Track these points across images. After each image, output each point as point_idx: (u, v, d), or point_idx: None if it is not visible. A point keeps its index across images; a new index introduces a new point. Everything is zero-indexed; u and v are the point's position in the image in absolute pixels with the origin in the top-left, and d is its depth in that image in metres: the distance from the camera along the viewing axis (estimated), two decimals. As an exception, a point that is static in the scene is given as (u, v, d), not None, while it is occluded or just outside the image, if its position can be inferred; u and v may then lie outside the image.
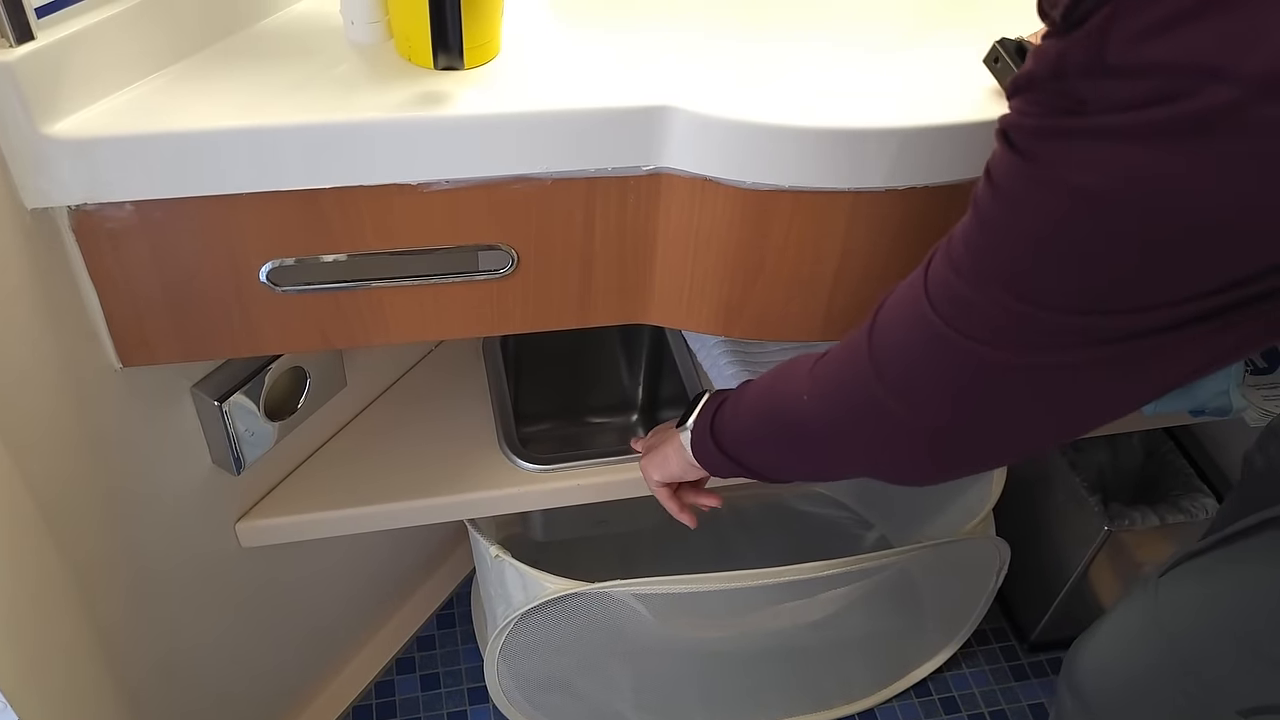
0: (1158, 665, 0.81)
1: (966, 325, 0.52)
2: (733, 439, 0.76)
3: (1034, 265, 0.48)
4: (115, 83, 0.63)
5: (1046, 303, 0.48)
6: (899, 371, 0.57)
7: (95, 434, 0.76)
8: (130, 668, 0.89)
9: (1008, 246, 0.49)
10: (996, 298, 0.50)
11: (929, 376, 0.56)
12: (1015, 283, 0.49)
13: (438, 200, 0.68)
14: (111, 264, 0.67)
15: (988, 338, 0.51)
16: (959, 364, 0.53)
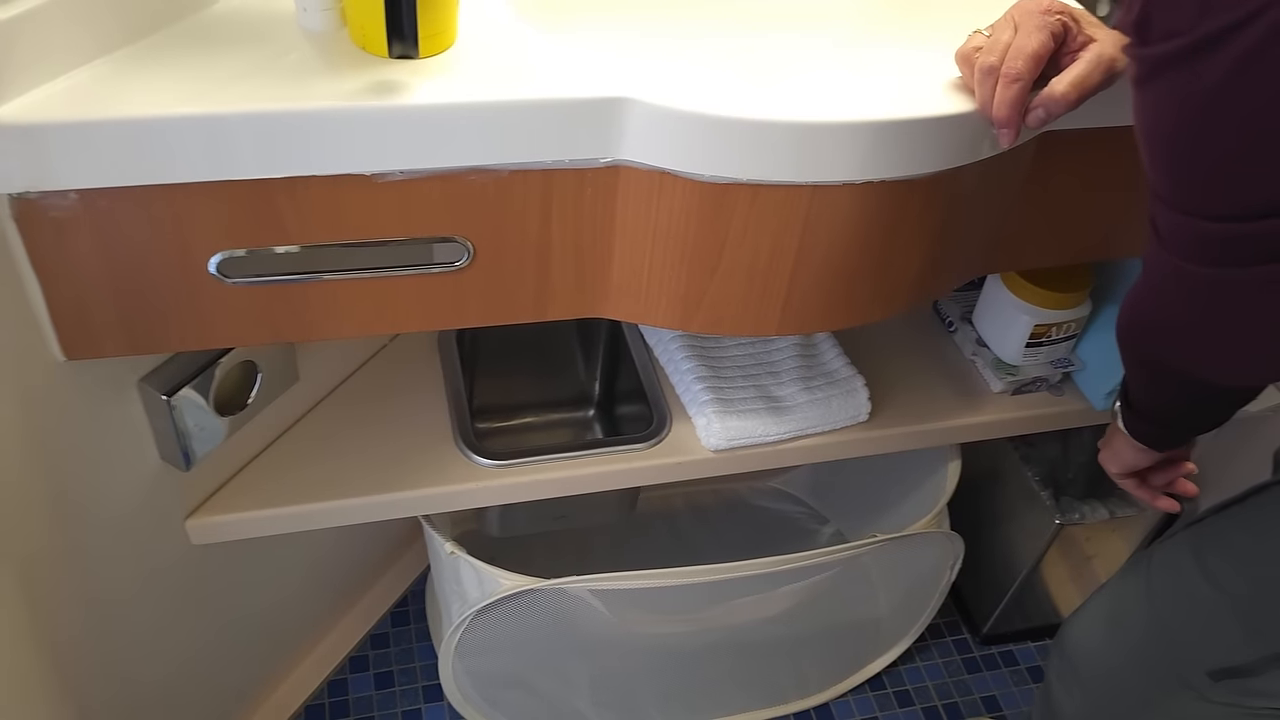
0: (1143, 629, 0.83)
1: (1179, 249, 0.56)
2: (1139, 401, 0.80)
3: (1201, 176, 0.52)
4: (59, 67, 0.61)
5: (1226, 211, 0.52)
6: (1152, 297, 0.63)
7: (37, 429, 0.74)
8: (76, 668, 0.87)
9: (1172, 161, 0.53)
10: (1176, 219, 0.55)
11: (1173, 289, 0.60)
12: (1188, 200, 0.53)
13: (392, 191, 0.67)
14: (54, 254, 0.65)
15: (1192, 255, 0.56)
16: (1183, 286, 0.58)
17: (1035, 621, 1.42)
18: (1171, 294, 0.60)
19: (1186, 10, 0.45)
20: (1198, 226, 0.54)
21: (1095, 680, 0.89)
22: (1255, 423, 1.24)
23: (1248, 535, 0.78)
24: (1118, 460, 0.88)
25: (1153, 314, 0.64)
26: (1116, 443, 0.87)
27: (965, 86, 0.71)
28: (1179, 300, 0.60)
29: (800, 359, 1.09)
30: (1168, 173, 0.54)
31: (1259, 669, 0.76)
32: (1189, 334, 0.62)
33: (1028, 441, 1.32)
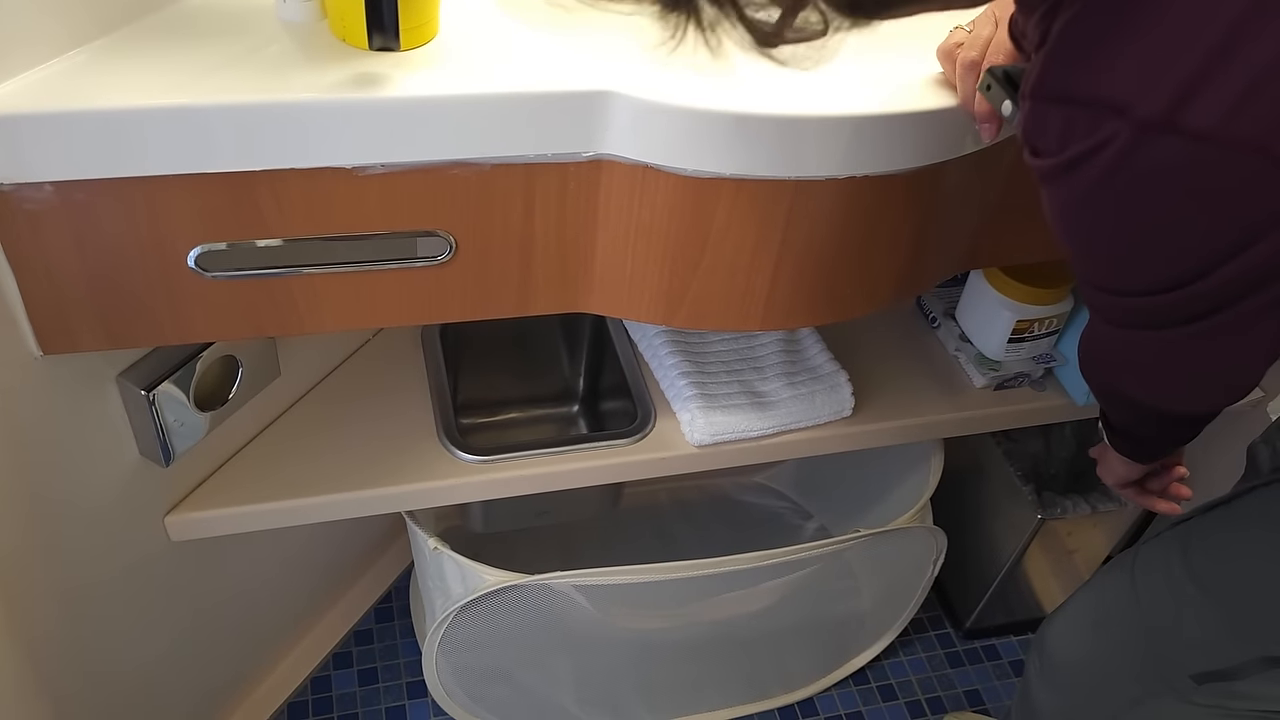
0: (1127, 630, 0.84)
1: (1108, 315, 0.62)
2: (1112, 421, 0.85)
3: (1092, 258, 0.58)
4: (33, 58, 0.61)
5: (1123, 288, 0.57)
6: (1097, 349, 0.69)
7: (15, 425, 0.73)
8: (52, 664, 0.87)
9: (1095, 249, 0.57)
10: (1096, 292, 0.60)
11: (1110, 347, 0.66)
12: (1096, 279, 0.59)
13: (373, 185, 0.67)
14: (30, 247, 0.64)
15: (1118, 320, 0.61)
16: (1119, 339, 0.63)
17: (1017, 615, 1.43)
18: (1113, 343, 0.64)
19: (1053, 138, 0.51)
20: (1113, 300, 0.59)
21: (1077, 680, 0.89)
22: (1233, 419, 1.25)
23: (1232, 536, 0.78)
24: (1112, 474, 0.92)
25: (1102, 355, 0.68)
26: (1108, 458, 0.91)
27: (948, 82, 0.71)
28: (1120, 349, 0.64)
29: (784, 354, 1.09)
30: (1076, 258, 0.58)
31: (1243, 672, 0.76)
32: (1137, 374, 0.66)
33: (1010, 437, 1.32)
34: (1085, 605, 0.90)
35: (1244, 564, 0.76)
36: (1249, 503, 0.77)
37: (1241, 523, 0.78)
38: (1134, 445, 0.86)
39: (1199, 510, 0.80)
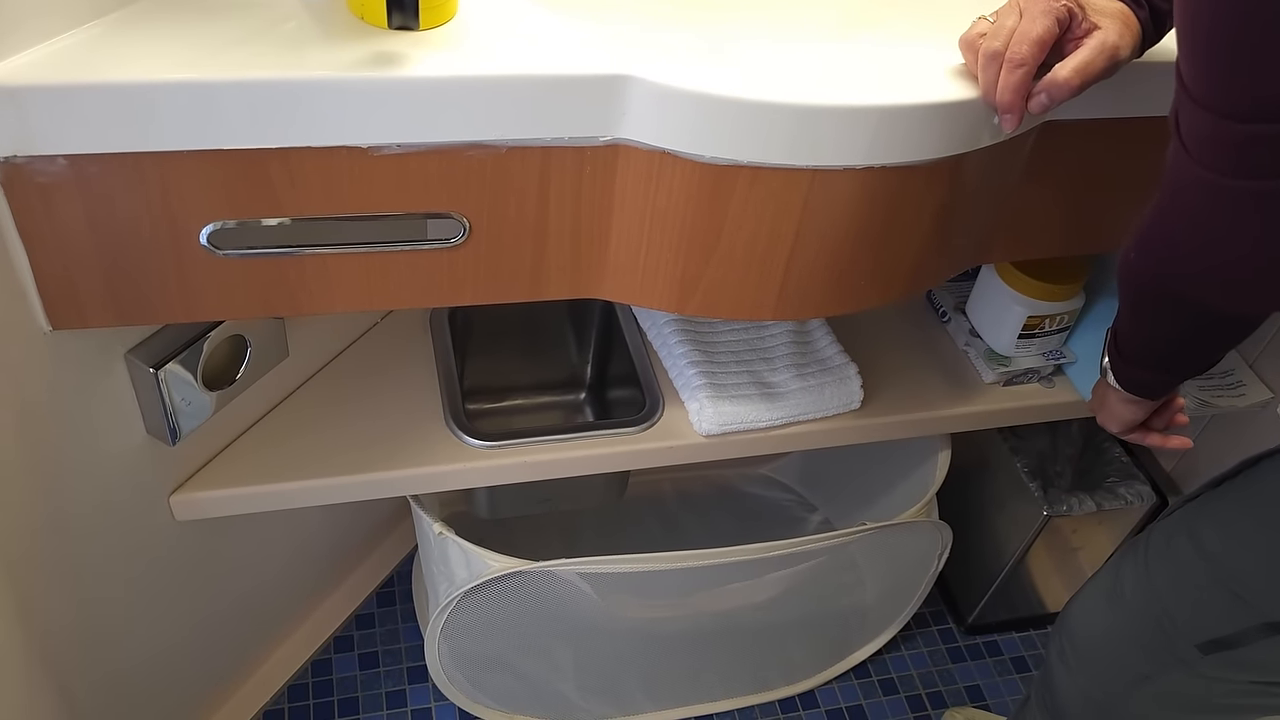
0: (1138, 604, 0.84)
1: (1211, 159, 0.55)
2: (1130, 347, 0.80)
3: (1229, 68, 0.51)
4: (48, 30, 0.60)
5: (1249, 103, 0.51)
6: (1179, 211, 0.61)
7: (22, 400, 0.73)
8: (56, 643, 0.86)
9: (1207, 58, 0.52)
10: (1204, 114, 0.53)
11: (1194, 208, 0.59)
12: (1211, 89, 0.52)
13: (388, 165, 0.66)
14: (42, 220, 0.64)
15: (1227, 168, 0.54)
16: (1214, 203, 0.57)
17: (1020, 612, 1.43)
18: (1192, 208, 0.58)
19: None
20: (1223, 127, 0.53)
21: (1092, 658, 0.90)
22: (1241, 422, 1.24)
23: (1236, 506, 0.79)
24: (1115, 419, 0.89)
25: (1170, 232, 0.63)
26: (1110, 401, 0.88)
27: (969, 72, 0.70)
28: (1203, 214, 0.58)
29: (794, 345, 1.08)
30: (1192, 57, 0.52)
31: (1245, 639, 0.77)
32: (1213, 248, 0.60)
33: (1017, 433, 1.32)
34: (1101, 583, 0.91)
35: (1244, 533, 0.78)
36: (1252, 475, 0.79)
37: (1244, 493, 0.79)
38: (1151, 376, 0.82)
39: (1208, 485, 0.81)
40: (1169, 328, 0.75)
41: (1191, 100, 0.54)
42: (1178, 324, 0.74)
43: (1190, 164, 0.57)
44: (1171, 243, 0.64)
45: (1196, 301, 0.68)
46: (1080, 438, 1.36)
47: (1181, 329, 0.75)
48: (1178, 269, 0.65)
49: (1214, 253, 0.61)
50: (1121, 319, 0.80)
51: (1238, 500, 0.79)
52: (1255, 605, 0.76)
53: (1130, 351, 0.81)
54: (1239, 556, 0.77)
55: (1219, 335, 0.76)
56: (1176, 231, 0.63)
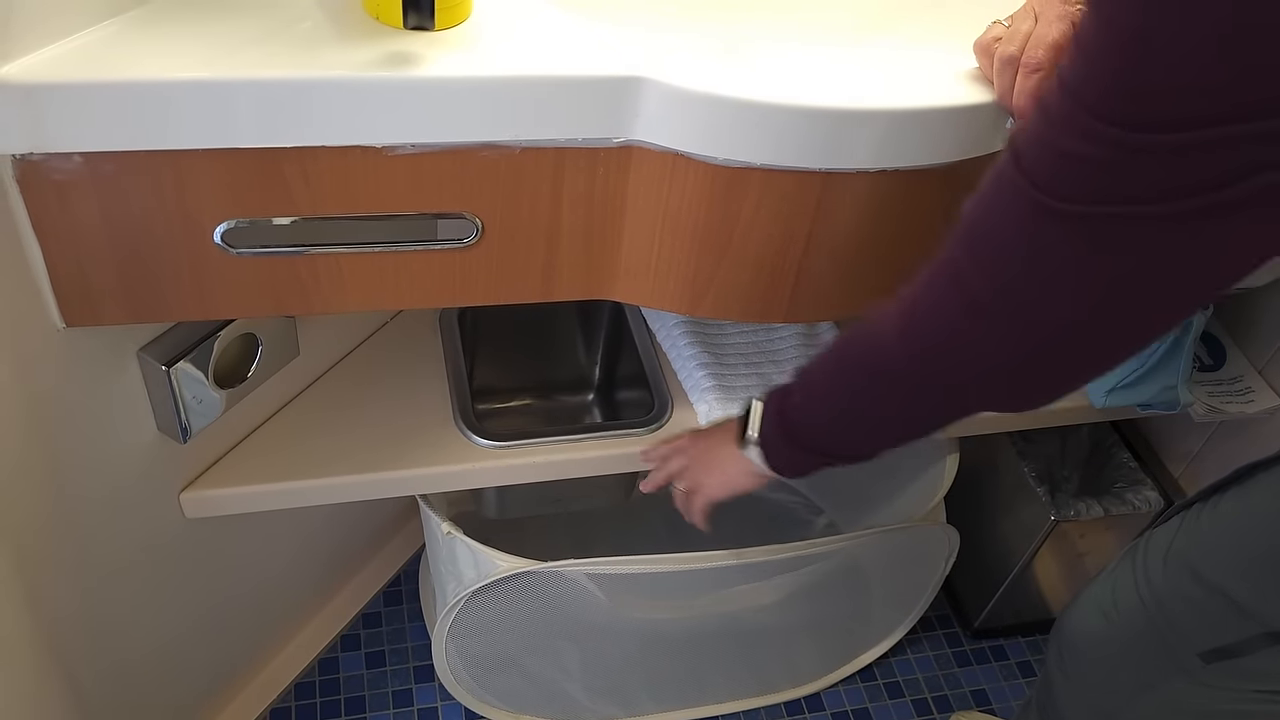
0: (1137, 613, 0.84)
1: (1065, 185, 0.48)
2: (815, 432, 0.73)
3: (1133, 68, 0.44)
4: (65, 27, 0.60)
5: (1145, 120, 0.44)
6: (993, 261, 0.53)
7: (35, 396, 0.73)
8: (64, 636, 0.87)
9: (1105, 58, 0.45)
10: (1094, 130, 0.46)
11: (1025, 263, 0.51)
12: (1113, 101, 0.45)
13: (402, 165, 0.66)
14: (57, 218, 0.64)
15: (1087, 194, 0.47)
16: (1060, 236, 0.49)
17: (1026, 617, 1.43)
18: (1031, 251, 0.50)
19: None
20: (1108, 134, 0.46)
21: (1091, 665, 0.89)
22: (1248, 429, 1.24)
23: (1231, 517, 0.78)
24: (730, 488, 0.83)
25: (990, 284, 0.54)
26: (733, 472, 0.81)
27: (984, 77, 0.70)
28: (1044, 256, 0.50)
29: (803, 348, 1.08)
30: (1088, 51, 0.46)
31: (1247, 648, 0.76)
32: (1041, 303, 0.52)
33: (1025, 437, 1.32)
34: (1098, 593, 0.90)
35: (1240, 543, 0.77)
36: (1248, 484, 0.78)
37: (1239, 502, 0.78)
38: (819, 461, 0.74)
39: (1204, 492, 0.81)
40: (910, 420, 0.68)
41: (1082, 106, 0.47)
42: (929, 415, 0.66)
43: (1031, 196, 0.50)
44: (973, 304, 0.56)
45: (968, 401, 0.62)
46: (1088, 443, 1.35)
47: (914, 422, 0.68)
48: (970, 356, 0.58)
49: (1037, 312, 0.53)
50: (817, 402, 0.72)
51: (1233, 510, 0.78)
52: (1256, 615, 0.75)
53: (811, 438, 0.73)
54: (1235, 567, 0.76)
55: (937, 430, 0.69)
56: (991, 277, 0.54)
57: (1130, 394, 1.11)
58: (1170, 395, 1.10)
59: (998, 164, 0.52)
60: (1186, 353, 1.08)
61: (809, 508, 1.49)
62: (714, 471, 0.84)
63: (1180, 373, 1.09)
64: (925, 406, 0.66)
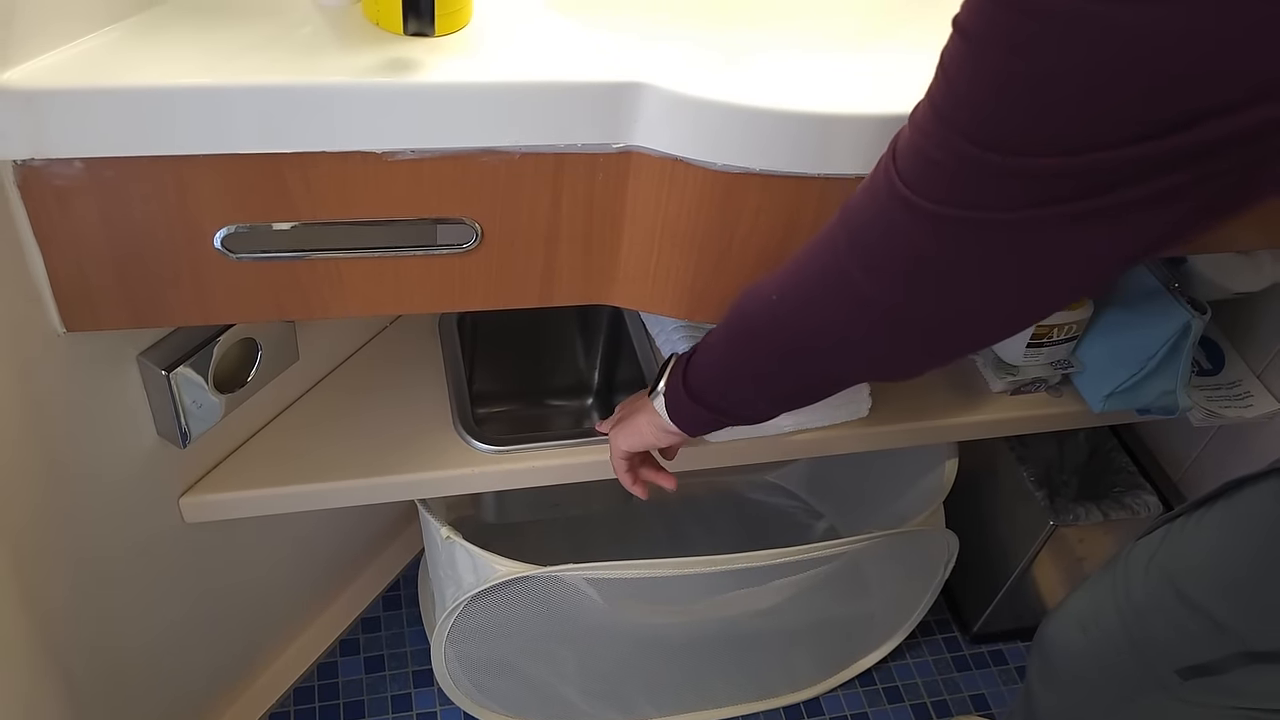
0: (1116, 628, 0.83)
1: (926, 185, 0.52)
2: (708, 384, 0.74)
3: (995, 103, 0.47)
4: (68, 33, 0.60)
5: (1006, 145, 0.48)
6: (864, 241, 0.57)
7: (36, 401, 0.73)
8: (63, 640, 0.87)
9: (971, 90, 0.49)
10: (957, 147, 0.49)
11: (888, 244, 0.56)
12: (976, 127, 0.48)
13: (402, 170, 0.66)
14: (58, 223, 0.64)
15: (944, 196, 0.51)
16: (918, 229, 0.53)
17: (1025, 621, 1.43)
18: (911, 245, 0.54)
19: None
20: (987, 160, 0.48)
21: (1072, 680, 0.89)
22: (1252, 429, 1.24)
23: (1214, 535, 0.78)
24: (632, 439, 0.83)
25: (858, 271, 0.58)
26: (640, 421, 0.82)
27: (981, 82, 0.70)
28: (922, 251, 0.54)
29: (802, 353, 1.08)
30: (960, 92, 0.49)
31: (1225, 666, 0.76)
32: (920, 294, 0.56)
33: (1023, 441, 1.32)
34: (1078, 605, 0.90)
35: (1222, 563, 0.77)
36: (1233, 501, 0.77)
37: (1223, 521, 0.78)
38: (714, 417, 0.75)
39: (1189, 507, 0.80)
40: (782, 381, 0.70)
41: (944, 123, 0.50)
42: (799, 379, 0.69)
43: (897, 189, 0.53)
44: (847, 283, 0.59)
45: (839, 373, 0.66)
46: (1087, 447, 1.36)
47: (797, 386, 0.70)
48: (828, 336, 0.62)
49: (892, 295, 0.57)
50: (710, 357, 0.73)
51: (1216, 526, 0.78)
52: (1234, 633, 0.75)
53: (705, 390, 0.74)
54: (1216, 585, 0.76)
55: (828, 393, 0.73)
56: (859, 267, 0.58)
57: (1129, 398, 1.11)
58: (1169, 400, 1.10)
59: (882, 156, 0.56)
60: (1185, 357, 1.08)
61: (808, 512, 1.49)
62: (626, 426, 0.84)
63: (1179, 377, 1.09)
64: (794, 370, 0.68)
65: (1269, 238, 0.93)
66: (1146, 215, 0.48)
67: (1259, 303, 1.19)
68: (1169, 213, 0.48)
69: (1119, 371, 1.10)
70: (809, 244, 0.63)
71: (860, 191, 0.58)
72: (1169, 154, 0.45)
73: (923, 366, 0.66)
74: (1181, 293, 1.08)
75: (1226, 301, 1.15)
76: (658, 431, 0.81)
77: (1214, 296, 1.11)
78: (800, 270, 0.64)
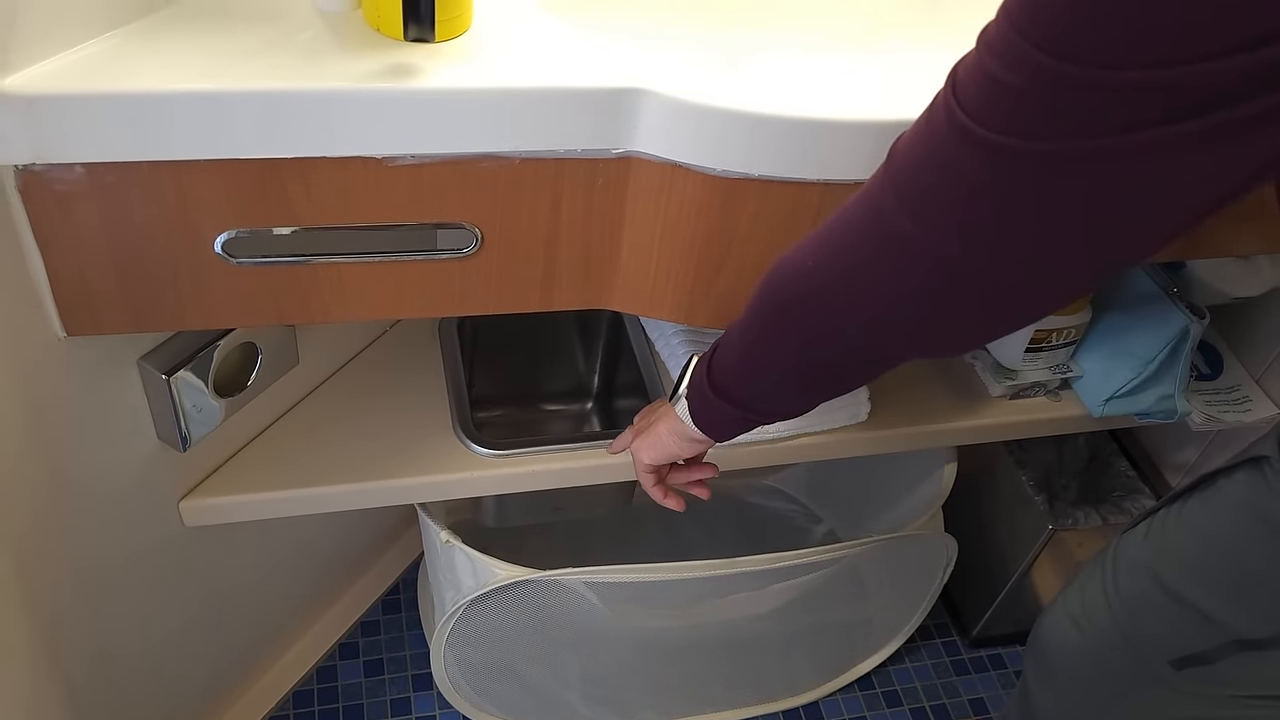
0: (1107, 622, 0.83)
1: (993, 114, 0.46)
2: (733, 375, 0.69)
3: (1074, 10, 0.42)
4: (69, 39, 0.61)
5: (1087, 57, 0.42)
6: (914, 185, 0.50)
7: (36, 405, 0.73)
8: (63, 643, 0.87)
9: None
10: (1036, 62, 0.43)
11: (941, 185, 0.49)
12: (1056, 39, 0.42)
13: (402, 175, 0.66)
14: (59, 228, 0.64)
15: (1008, 124, 0.45)
16: (975, 162, 0.47)
17: (1025, 625, 1.41)
18: (966, 182, 0.48)
19: None
20: (1065, 73, 0.43)
21: (1065, 674, 0.89)
22: (1251, 433, 1.25)
23: (1192, 526, 0.78)
24: (656, 450, 0.79)
25: (908, 222, 0.51)
26: (661, 430, 0.78)
27: (980, 88, 0.70)
28: (979, 192, 0.47)
29: (801, 357, 1.08)
30: None
31: (1218, 655, 0.76)
32: (978, 242, 0.49)
33: (1022, 445, 1.32)
34: (1069, 603, 0.90)
35: (1201, 554, 0.77)
36: (1207, 493, 0.77)
37: (1199, 512, 0.78)
38: (742, 415, 0.71)
39: (1169, 499, 0.80)
40: (815, 363, 0.64)
41: (1017, 31, 0.44)
42: (834, 360, 0.63)
43: (957, 119, 0.47)
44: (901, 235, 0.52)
45: (864, 345, 0.59)
46: (1086, 451, 1.36)
47: (829, 369, 0.64)
48: (848, 302, 0.56)
49: (946, 246, 0.50)
50: (741, 342, 0.67)
51: (1198, 518, 0.78)
52: (1224, 624, 0.75)
53: (731, 383, 0.69)
54: (1201, 577, 0.76)
55: (856, 380, 0.67)
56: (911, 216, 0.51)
57: (1128, 403, 1.11)
58: (1168, 404, 1.11)
59: (939, 91, 0.50)
60: (1184, 362, 1.08)
61: (808, 516, 1.49)
62: (648, 437, 0.80)
63: (1178, 382, 1.09)
64: (829, 350, 0.62)
65: (1267, 243, 0.93)
66: (1244, 142, 0.42)
67: (1257, 307, 1.19)
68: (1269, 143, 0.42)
69: (1118, 376, 1.10)
70: (846, 204, 0.57)
71: (911, 132, 0.52)
72: (1270, 69, 0.40)
73: (973, 336, 0.58)
74: (1180, 297, 1.08)
75: (1225, 306, 1.15)
76: (681, 440, 0.77)
77: (1212, 301, 1.11)
78: (838, 230, 0.57)
